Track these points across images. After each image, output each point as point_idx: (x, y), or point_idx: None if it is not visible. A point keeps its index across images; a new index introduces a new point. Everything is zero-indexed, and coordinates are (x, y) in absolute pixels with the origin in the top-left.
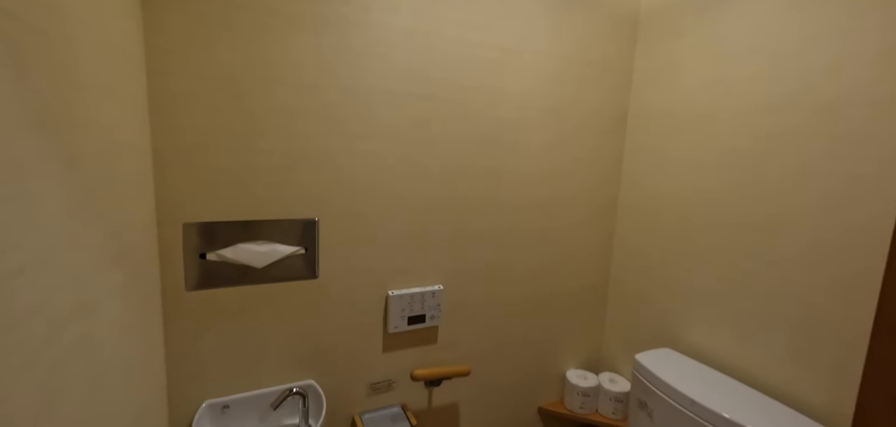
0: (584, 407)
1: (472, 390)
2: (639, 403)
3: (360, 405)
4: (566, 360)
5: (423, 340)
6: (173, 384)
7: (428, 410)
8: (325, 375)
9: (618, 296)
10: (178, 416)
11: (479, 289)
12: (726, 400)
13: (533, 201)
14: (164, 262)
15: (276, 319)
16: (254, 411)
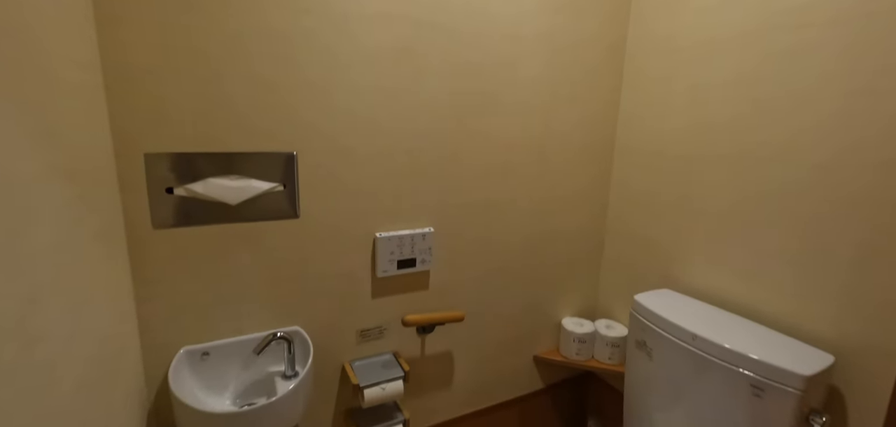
0: (581, 353)
1: (466, 338)
2: (637, 344)
3: (350, 353)
4: (562, 308)
5: (413, 286)
6: (146, 330)
7: (421, 358)
8: (311, 322)
9: (615, 240)
10: (153, 363)
11: (472, 233)
12: (728, 333)
13: (526, 140)
14: (126, 196)
15: (256, 261)
16: (236, 358)
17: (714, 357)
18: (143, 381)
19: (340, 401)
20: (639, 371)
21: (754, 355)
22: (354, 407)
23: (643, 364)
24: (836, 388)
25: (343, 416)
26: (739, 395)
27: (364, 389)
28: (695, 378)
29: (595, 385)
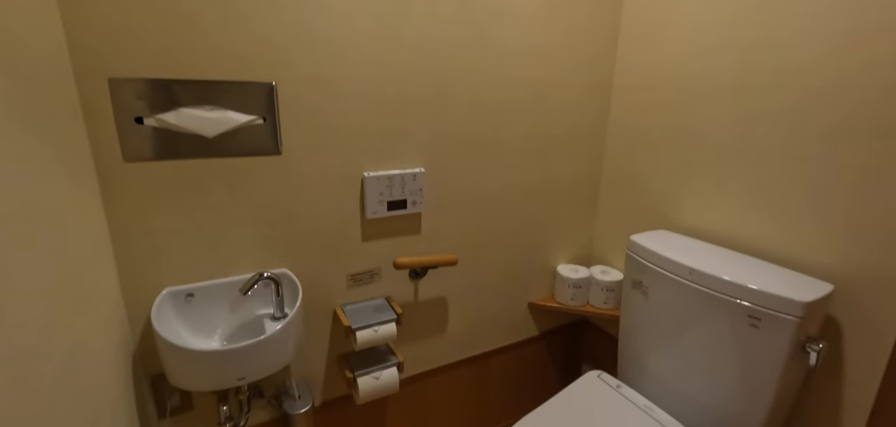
0: (576, 299)
1: (460, 285)
2: (633, 284)
3: (342, 297)
4: (556, 255)
5: (405, 229)
6: (125, 271)
7: (414, 304)
8: (299, 265)
9: (611, 183)
10: (135, 305)
11: (465, 175)
12: (725, 266)
13: (521, 78)
14: (91, 125)
15: (237, 200)
16: (222, 300)
17: (711, 290)
18: (126, 323)
19: (333, 345)
20: (634, 312)
21: (752, 285)
22: (348, 351)
23: (639, 304)
24: (833, 319)
25: (336, 360)
26: (736, 327)
27: (356, 331)
28: (691, 313)
29: (589, 331)
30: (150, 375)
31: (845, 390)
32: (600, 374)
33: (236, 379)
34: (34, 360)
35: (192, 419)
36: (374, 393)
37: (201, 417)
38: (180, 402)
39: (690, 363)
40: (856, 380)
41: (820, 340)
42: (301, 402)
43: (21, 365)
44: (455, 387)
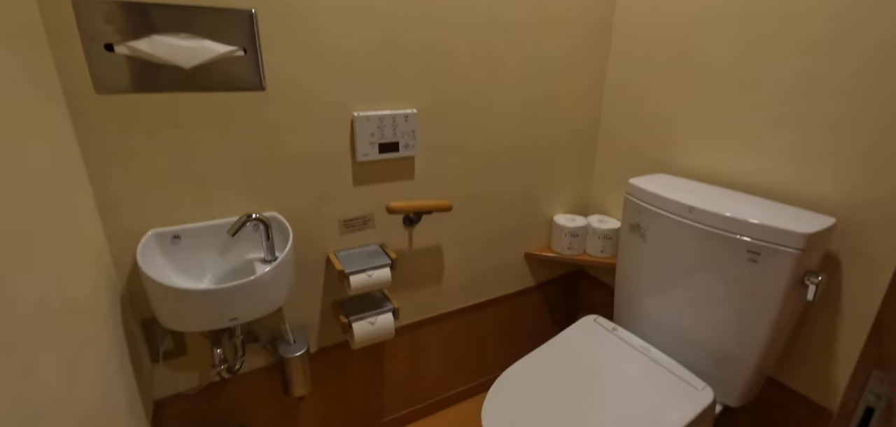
0: (572, 248)
1: (455, 232)
2: (631, 228)
3: (334, 243)
4: (554, 205)
5: (398, 174)
6: (106, 209)
7: (408, 252)
8: (289, 209)
9: (609, 131)
10: (120, 246)
11: (459, 118)
12: (726, 203)
13: (517, 17)
14: (58, 51)
15: (220, 137)
16: (211, 244)
17: (710, 227)
18: (112, 265)
19: (327, 292)
20: (631, 255)
21: (753, 220)
22: (342, 298)
23: (636, 248)
24: (833, 254)
25: (331, 307)
26: (735, 263)
27: (350, 276)
28: (690, 253)
29: (585, 282)
30: (141, 319)
31: (840, 324)
32: (596, 319)
33: (228, 320)
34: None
35: (186, 363)
36: (370, 338)
37: (195, 361)
38: (173, 346)
39: (687, 304)
40: (852, 312)
41: (819, 274)
42: (296, 346)
43: None
44: (451, 337)
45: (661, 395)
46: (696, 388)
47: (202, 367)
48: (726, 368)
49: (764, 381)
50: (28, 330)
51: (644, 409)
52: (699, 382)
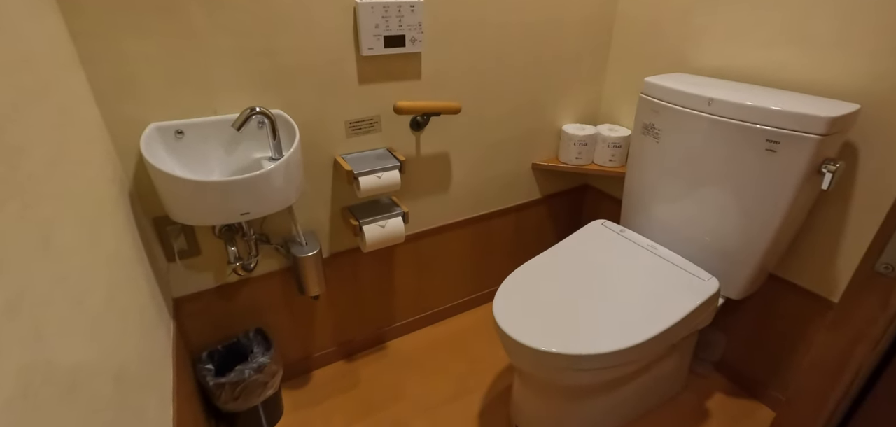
0: (581, 157)
1: (462, 138)
2: (644, 129)
3: (341, 147)
4: (563, 114)
5: (404, 73)
6: (103, 98)
7: (416, 159)
8: (294, 107)
9: (624, 31)
10: (122, 139)
11: (467, 15)
12: (746, 94)
13: None
14: None
15: (215, 25)
16: (215, 140)
17: (729, 118)
18: (116, 159)
19: (336, 197)
20: (643, 158)
21: (775, 106)
22: (352, 203)
23: (648, 149)
24: (851, 144)
25: (341, 213)
26: (752, 155)
27: (359, 177)
28: (706, 148)
29: (591, 196)
30: (151, 217)
31: (850, 214)
32: (604, 222)
33: (239, 214)
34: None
35: (201, 263)
36: (380, 241)
37: (210, 262)
38: (187, 246)
39: (697, 203)
40: (864, 203)
41: (837, 160)
42: (309, 247)
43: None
44: (457, 247)
45: (668, 286)
46: (701, 279)
47: (217, 267)
48: (732, 264)
49: (767, 275)
50: (43, 190)
51: (651, 298)
52: (705, 274)
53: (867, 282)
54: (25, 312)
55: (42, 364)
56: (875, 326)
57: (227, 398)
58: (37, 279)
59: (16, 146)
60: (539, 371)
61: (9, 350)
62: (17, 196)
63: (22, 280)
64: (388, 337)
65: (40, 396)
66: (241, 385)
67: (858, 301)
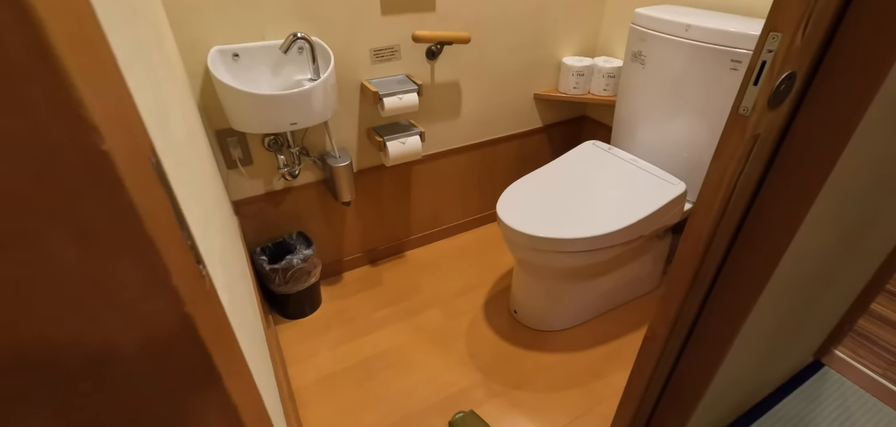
0: (578, 87)
1: (471, 67)
2: (633, 57)
3: (367, 72)
4: (563, 47)
5: (420, 5)
6: (178, 26)
7: (430, 85)
8: (328, 35)
9: None
10: (191, 59)
11: None
12: (719, 21)
13: None
14: None
15: None
16: (264, 62)
17: (701, 42)
18: (186, 78)
19: (363, 119)
20: (631, 83)
21: (733, 29)
22: (376, 124)
23: (636, 74)
24: None
25: (366, 132)
26: (718, 74)
27: (383, 98)
28: (681, 70)
29: (588, 126)
30: (215, 130)
31: None
32: (595, 143)
33: (289, 124)
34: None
35: (253, 171)
36: (401, 156)
37: (260, 171)
38: (242, 155)
39: (673, 121)
40: None
41: None
42: (341, 159)
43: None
44: (466, 169)
45: (643, 189)
46: (671, 184)
47: (266, 176)
48: (701, 174)
49: None
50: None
51: (628, 197)
52: (675, 180)
53: (734, 121)
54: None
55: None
56: (739, 148)
57: (280, 282)
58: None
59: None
60: (534, 256)
61: (179, 127)
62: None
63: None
64: (406, 247)
65: (196, 141)
66: (290, 271)
67: (728, 135)
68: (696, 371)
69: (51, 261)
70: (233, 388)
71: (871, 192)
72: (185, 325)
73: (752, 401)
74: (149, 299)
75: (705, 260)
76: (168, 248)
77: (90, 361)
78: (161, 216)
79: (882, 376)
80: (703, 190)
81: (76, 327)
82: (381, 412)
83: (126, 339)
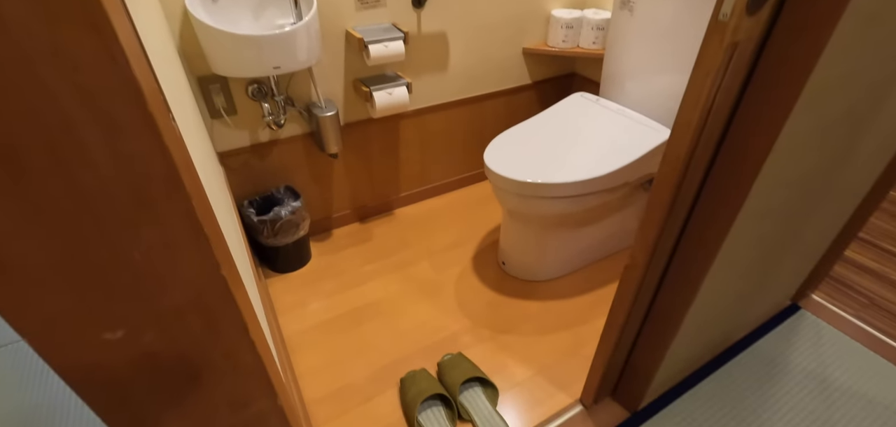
0: (567, 41)
1: (459, 18)
2: (621, 4)
3: (351, 20)
4: (552, 1)
5: None
6: None
7: (417, 35)
8: None
9: None
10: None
11: None
12: None
13: None
14: None
15: None
16: (244, 5)
17: None
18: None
19: (349, 69)
20: (619, 30)
21: None
22: (362, 76)
23: (624, 22)
24: None
25: (353, 84)
26: (703, 19)
27: (369, 45)
28: (671, 16)
29: (577, 83)
30: (196, 76)
31: None
32: (583, 94)
33: (272, 68)
34: None
35: (238, 121)
36: (388, 107)
37: (245, 121)
38: (226, 104)
39: (659, 70)
40: None
41: None
42: (327, 109)
43: None
44: (454, 126)
45: (629, 137)
46: (657, 130)
47: (251, 127)
48: None
49: None
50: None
51: (613, 145)
52: (660, 126)
53: (713, 28)
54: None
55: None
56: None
57: (268, 233)
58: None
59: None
60: (521, 204)
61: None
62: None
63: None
64: (395, 205)
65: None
66: (279, 222)
67: (707, 44)
68: (676, 297)
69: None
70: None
71: (845, 122)
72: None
73: (729, 341)
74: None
75: (684, 181)
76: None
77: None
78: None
79: (855, 316)
80: (681, 107)
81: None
82: (372, 357)
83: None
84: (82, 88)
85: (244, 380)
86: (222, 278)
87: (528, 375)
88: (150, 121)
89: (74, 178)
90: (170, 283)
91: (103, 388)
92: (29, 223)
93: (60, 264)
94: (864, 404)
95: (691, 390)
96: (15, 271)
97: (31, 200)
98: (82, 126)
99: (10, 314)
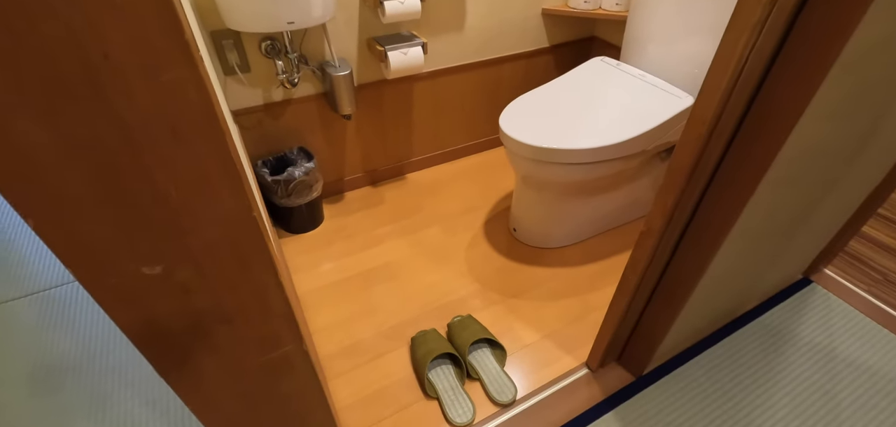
0: (589, 2)
1: None
2: None
3: None
4: None
5: None
6: None
7: None
8: None
9: None
10: None
11: None
12: None
13: None
14: None
15: None
16: None
17: None
18: None
19: (363, 28)
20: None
21: None
22: (377, 35)
23: None
24: None
25: (367, 44)
26: None
27: (384, 2)
28: None
29: (597, 47)
30: (209, 31)
31: None
32: (603, 58)
33: (286, 23)
34: None
35: (252, 79)
36: (403, 68)
37: (259, 79)
38: (240, 61)
39: (689, 36)
40: None
41: None
42: (341, 69)
43: None
44: (470, 88)
45: (650, 103)
46: (679, 97)
47: (264, 84)
48: None
49: None
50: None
51: (633, 111)
52: (682, 93)
53: None
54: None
55: None
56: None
57: (282, 193)
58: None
59: None
60: (536, 169)
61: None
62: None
63: None
64: (407, 170)
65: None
66: (292, 183)
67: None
68: (689, 266)
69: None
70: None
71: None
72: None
73: (737, 311)
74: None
75: (707, 147)
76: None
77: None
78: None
79: (867, 292)
80: (711, 68)
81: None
82: (382, 317)
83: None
84: (121, 10)
85: (273, 321)
86: (253, 219)
87: (535, 339)
88: (187, 50)
89: (115, 111)
90: (205, 221)
91: (143, 323)
92: (74, 157)
93: (104, 198)
94: (868, 377)
95: (696, 358)
96: (65, 202)
97: (77, 134)
98: (122, 53)
99: (58, 245)
